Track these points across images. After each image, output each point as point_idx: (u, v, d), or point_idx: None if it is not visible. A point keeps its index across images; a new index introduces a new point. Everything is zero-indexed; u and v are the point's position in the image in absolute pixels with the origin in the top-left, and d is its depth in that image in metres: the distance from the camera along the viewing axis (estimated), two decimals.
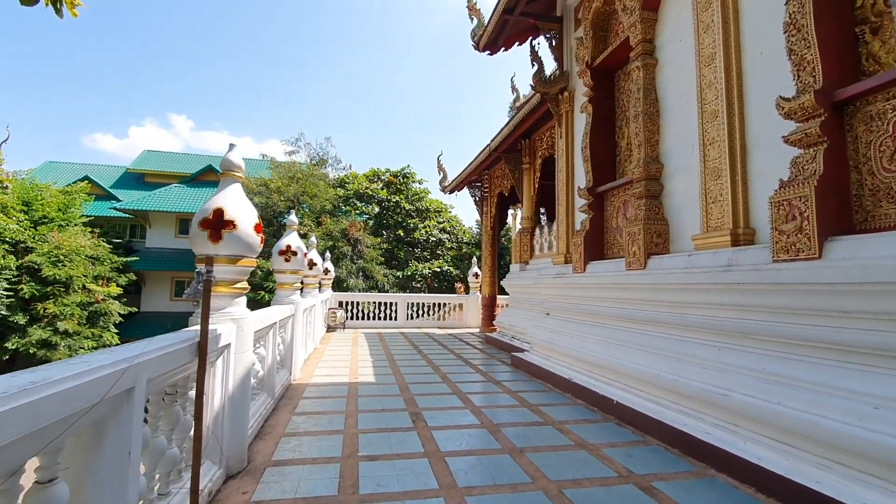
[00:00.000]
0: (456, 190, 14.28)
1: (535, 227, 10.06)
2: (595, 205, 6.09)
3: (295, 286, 6.28)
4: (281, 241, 6.14)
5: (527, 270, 9.74)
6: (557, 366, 6.03)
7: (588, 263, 5.97)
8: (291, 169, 19.15)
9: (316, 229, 17.31)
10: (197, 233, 3.09)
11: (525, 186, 10.27)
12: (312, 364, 7.35)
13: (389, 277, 17.27)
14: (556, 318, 6.74)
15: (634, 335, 4.75)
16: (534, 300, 8.71)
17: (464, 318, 14.77)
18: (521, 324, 8.86)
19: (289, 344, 5.90)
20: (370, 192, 19.55)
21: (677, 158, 4.69)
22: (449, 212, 22.24)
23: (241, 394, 3.15)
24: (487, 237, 13.39)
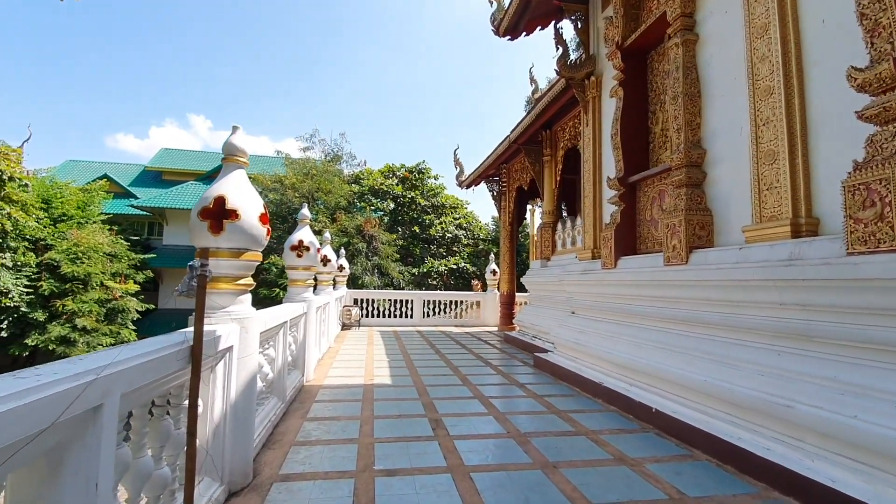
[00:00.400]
0: (473, 185, 13.90)
1: (556, 222, 9.63)
2: (626, 196, 5.67)
3: (308, 283, 6.00)
4: (293, 235, 5.86)
5: (548, 267, 9.33)
6: (586, 368, 5.64)
7: (619, 259, 5.55)
8: (306, 165, 18.96)
9: (331, 226, 17.11)
10: (196, 223, 2.79)
11: (546, 179, 9.85)
12: (326, 364, 7.07)
13: (405, 274, 16.99)
14: (583, 318, 6.34)
15: (675, 337, 4.34)
16: (557, 298, 8.31)
17: (481, 316, 14.40)
18: (544, 323, 8.47)
19: (301, 343, 5.62)
20: (385, 188, 19.27)
21: (723, 142, 4.25)
22: (465, 208, 21.86)
23: (246, 402, 2.85)
24: (506, 233, 12.99)
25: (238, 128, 3.10)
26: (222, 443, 2.62)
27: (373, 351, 8.51)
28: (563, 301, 7.89)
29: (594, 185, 6.58)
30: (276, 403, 4.15)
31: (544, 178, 9.91)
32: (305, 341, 5.72)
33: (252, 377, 2.96)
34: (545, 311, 8.80)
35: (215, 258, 2.80)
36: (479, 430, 3.97)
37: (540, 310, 9.09)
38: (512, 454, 3.43)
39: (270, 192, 18.15)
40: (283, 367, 4.37)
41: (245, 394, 2.85)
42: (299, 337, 5.58)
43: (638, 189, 5.67)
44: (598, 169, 6.56)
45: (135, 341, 1.75)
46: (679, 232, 4.37)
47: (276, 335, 4.26)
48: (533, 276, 9.60)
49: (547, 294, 8.93)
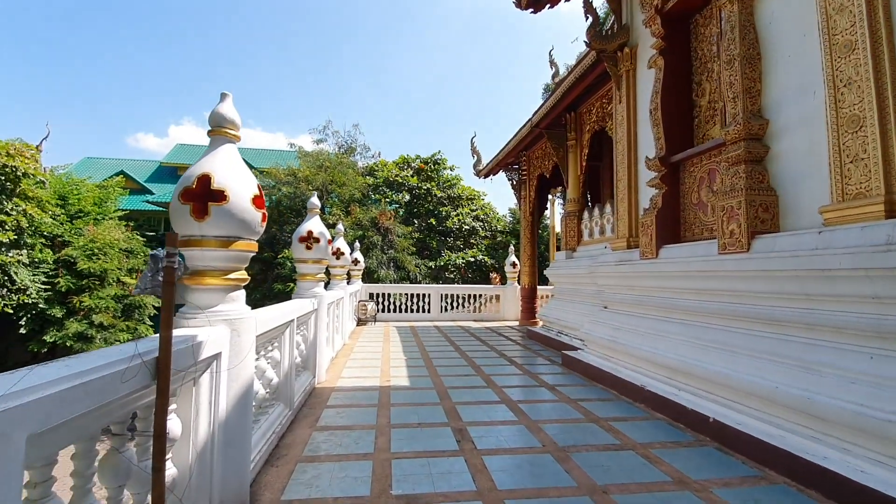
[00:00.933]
0: (491, 174, 13.34)
1: (582, 210, 9.06)
2: (668, 177, 5.09)
3: (318, 277, 5.57)
4: (301, 226, 5.43)
5: (574, 258, 8.77)
6: (623, 369, 5.10)
7: (661, 247, 4.99)
8: (319, 158, 18.59)
9: (345, 219, 16.73)
10: (177, 207, 2.35)
11: (570, 165, 9.26)
12: (340, 363, 6.66)
13: (421, 268, 16.55)
14: (618, 313, 5.79)
15: (735, 336, 3.78)
16: (585, 291, 7.76)
17: (501, 310, 13.89)
18: (571, 318, 7.93)
19: (311, 343, 5.20)
20: (400, 179, 18.79)
21: (790, 110, 3.66)
22: (482, 199, 21.28)
23: (240, 418, 2.41)
24: (526, 223, 12.43)
25: (227, 95, 2.64)
26: (210, 469, 2.19)
27: (389, 348, 8.09)
28: (593, 294, 7.34)
29: (629, 168, 5.99)
30: (282, 411, 3.73)
31: (569, 163, 9.32)
32: (316, 340, 5.30)
33: (247, 388, 2.52)
34: (572, 305, 8.25)
35: (200, 248, 2.36)
36: (510, 443, 3.49)
37: (566, 304, 8.55)
38: (551, 474, 2.94)
39: (284, 186, 17.84)
40: (290, 371, 3.95)
41: (238, 409, 2.41)
42: (309, 336, 5.16)
43: (682, 170, 5.08)
44: (634, 150, 5.97)
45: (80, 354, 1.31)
46: (738, 215, 3.79)
47: (281, 335, 3.83)
48: (558, 268, 9.05)
49: (573, 287, 8.38)
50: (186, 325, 2.31)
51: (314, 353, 5.24)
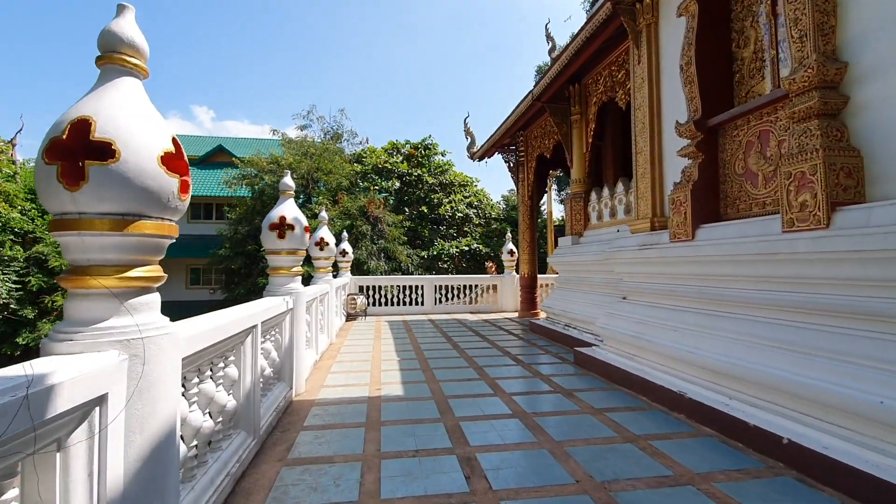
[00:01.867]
0: (486, 156, 12.50)
1: (589, 192, 8.28)
2: (705, 144, 4.31)
3: (294, 271, 4.74)
4: (272, 211, 4.59)
5: (582, 244, 8.01)
6: (654, 371, 4.36)
7: (698, 228, 4.22)
8: (303, 145, 17.60)
9: (332, 208, 15.84)
10: (42, 169, 1.53)
11: (575, 142, 8.45)
12: (324, 367, 5.86)
13: (413, 258, 15.73)
14: (642, 304, 5.05)
15: (811, 334, 3.03)
16: (596, 280, 7.01)
17: (498, 301, 13.16)
18: (581, 310, 7.18)
19: (287, 348, 4.39)
20: (389, 166, 17.85)
21: (880, 46, 2.87)
22: (475, 185, 20.45)
23: (152, 482, 1.61)
24: (525, 208, 11.64)
25: (126, 7, 1.77)
26: None
27: (380, 347, 7.30)
28: (606, 283, 6.60)
29: (652, 138, 5.21)
30: (242, 442, 2.93)
31: (573, 140, 8.51)
32: (293, 345, 4.49)
33: (165, 435, 1.72)
34: (581, 295, 7.51)
35: (78, 232, 1.54)
36: (534, 478, 2.73)
37: (574, 294, 7.80)
38: None
39: (267, 175, 16.86)
40: (254, 389, 3.14)
41: (150, 468, 1.61)
42: (283, 340, 4.35)
43: (721, 135, 4.31)
44: (657, 116, 5.18)
45: None
46: (811, 183, 3.02)
47: (239, 346, 3.02)
48: (563, 255, 8.29)
49: (582, 275, 7.63)
50: (54, 351, 1.49)
51: (290, 360, 4.44)
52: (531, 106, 8.79)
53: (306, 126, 19.46)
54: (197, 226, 22.35)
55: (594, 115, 7.98)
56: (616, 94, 7.21)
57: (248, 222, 16.44)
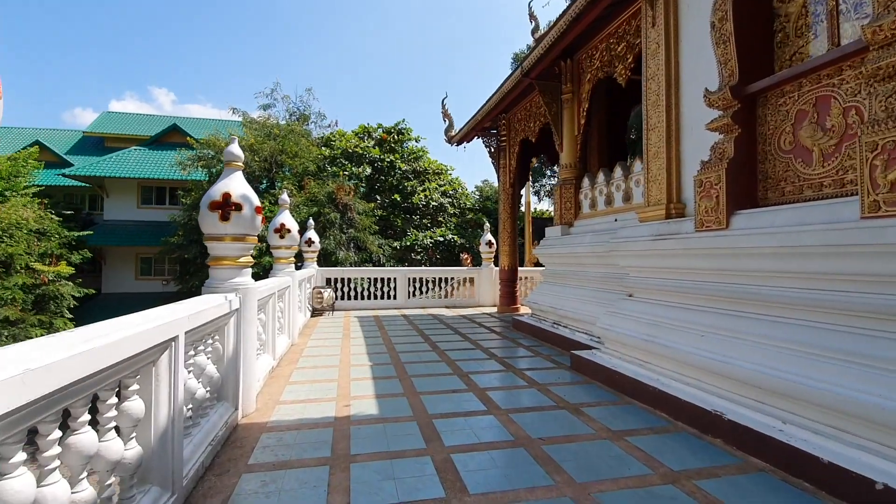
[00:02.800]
0: (465, 140, 11.69)
1: (580, 177, 7.61)
2: (743, 115, 3.63)
3: (242, 261, 3.81)
4: (214, 188, 3.65)
5: (573, 234, 7.34)
6: (673, 382, 3.71)
7: (734, 214, 3.56)
8: (266, 125, 16.29)
9: (298, 194, 14.70)
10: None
11: (566, 123, 7.75)
12: (283, 375, 4.97)
13: (385, 248, 14.81)
14: (654, 303, 4.39)
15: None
16: (592, 274, 6.35)
17: (475, 295, 12.44)
18: (573, 307, 6.52)
19: (231, 360, 3.50)
20: (360, 150, 16.76)
21: None
22: (449, 174, 19.61)
23: None
24: (506, 196, 10.92)
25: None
26: None
27: (349, 348, 6.44)
28: (605, 278, 5.94)
29: (668, 111, 4.52)
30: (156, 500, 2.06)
31: (563, 121, 7.81)
32: (239, 354, 3.60)
33: None
34: (572, 290, 6.84)
35: None
36: None
37: (564, 289, 7.13)
38: None
39: None
40: (172, 426, 2.26)
41: None
42: (226, 349, 3.45)
43: (762, 104, 3.64)
44: (675, 86, 4.50)
45: None
46: None
47: (146, 369, 2.12)
48: (551, 247, 7.61)
49: (573, 269, 6.97)
50: None
51: (236, 373, 3.55)
52: (519, 82, 8.02)
53: (270, 106, 18.11)
54: (147, 211, 20.52)
55: (588, 93, 7.28)
56: (614, 69, 6.53)
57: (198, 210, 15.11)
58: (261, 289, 4.36)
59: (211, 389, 3.15)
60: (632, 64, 6.26)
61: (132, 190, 20.73)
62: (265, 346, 5.02)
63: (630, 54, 6.24)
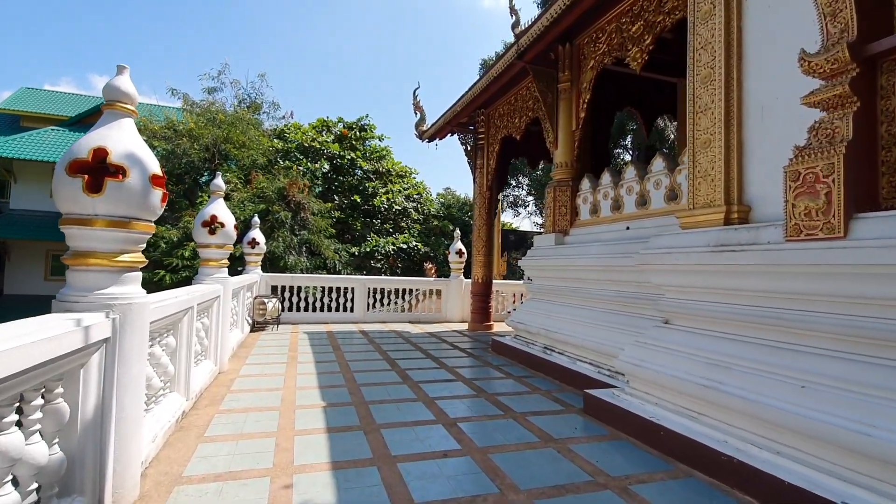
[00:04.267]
0: (437, 136, 10.53)
1: (577, 179, 6.62)
2: (861, 84, 2.65)
3: (123, 261, 2.38)
4: (79, 143, 2.24)
5: (569, 244, 6.30)
6: (764, 453, 2.65)
7: (853, 218, 2.55)
8: (210, 110, 14.44)
9: (243, 189, 12.98)
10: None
11: (562, 117, 6.76)
12: (197, 424, 3.52)
13: (342, 254, 13.32)
14: (710, 336, 3.34)
15: None
16: (597, 291, 5.29)
17: (442, 309, 11.21)
18: (573, 330, 5.42)
19: (89, 424, 2.08)
20: (318, 145, 15.19)
21: None
22: (413, 178, 18.37)
23: None
24: (482, 200, 9.82)
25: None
26: None
27: (295, 378, 5.03)
28: (618, 298, 4.90)
29: (727, 86, 3.54)
30: None
31: (559, 114, 6.81)
32: (109, 411, 2.19)
33: None
34: (571, 310, 5.76)
35: None
36: None
37: (558, 307, 6.04)
38: None
39: (160, 142, 13.52)
40: None
41: None
42: (82, 407, 2.05)
43: (887, 71, 2.68)
44: (737, 53, 3.52)
45: None
46: None
47: None
48: (542, 258, 6.53)
49: (571, 284, 5.90)
50: None
51: (98, 446, 2.13)
52: (510, 66, 6.95)
53: (216, 90, 16.22)
54: None
55: (590, 82, 6.31)
56: (626, 52, 5.60)
57: None
58: (164, 304, 2.95)
59: (51, 477, 1.74)
60: (650, 45, 5.33)
61: (46, 176, 17.91)
62: (173, 382, 3.57)
63: (649, 34, 5.31)
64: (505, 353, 6.79)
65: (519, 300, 11.94)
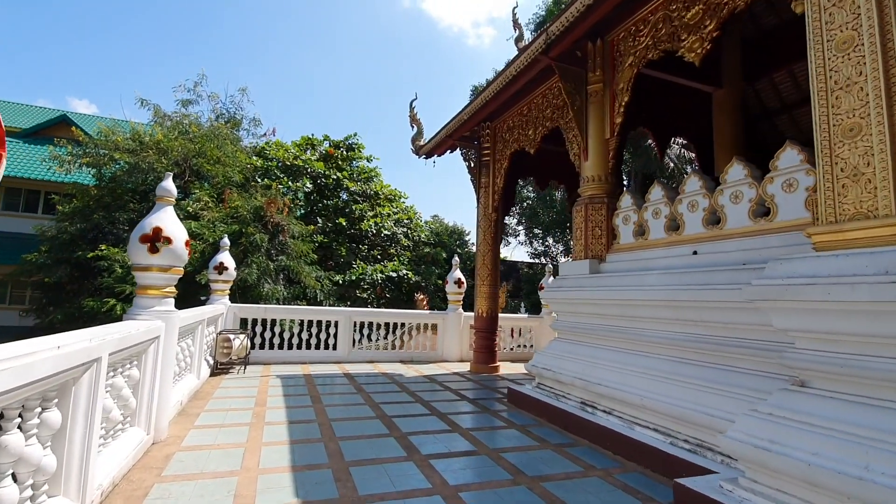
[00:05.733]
0: (436, 152, 9.47)
1: (612, 195, 5.56)
2: None
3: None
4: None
5: (607, 273, 5.16)
6: None
7: None
8: (182, 123, 13.18)
9: (215, 208, 11.64)
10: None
11: (591, 123, 5.75)
12: None
13: (324, 282, 11.97)
14: (888, 409, 2.16)
15: None
16: (658, 334, 4.11)
17: (438, 346, 9.89)
18: (628, 384, 4.18)
19: None
20: (300, 163, 13.98)
21: None
22: (403, 202, 17.25)
23: None
24: (487, 223, 8.69)
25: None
26: None
27: (259, 451, 3.65)
28: (699, 342, 3.73)
29: (885, 47, 2.50)
30: None
31: (588, 121, 5.80)
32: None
33: None
34: (617, 355, 4.55)
35: None
36: None
37: (599, 353, 4.83)
38: None
39: (124, 155, 12.13)
40: None
41: None
42: None
43: None
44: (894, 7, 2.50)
45: None
46: None
47: None
48: (573, 289, 5.36)
49: (614, 323, 4.73)
50: None
51: None
52: (532, 63, 5.95)
53: (191, 102, 15.02)
54: (8, 219, 15.73)
55: (629, 83, 5.36)
56: (681, 42, 4.66)
57: (84, 218, 11.50)
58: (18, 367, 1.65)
59: None
60: (714, 32, 4.39)
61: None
62: (55, 481, 2.21)
63: (712, 19, 4.37)
64: (526, 407, 5.51)
65: (518, 335, 10.71)
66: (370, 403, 5.51)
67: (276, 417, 4.70)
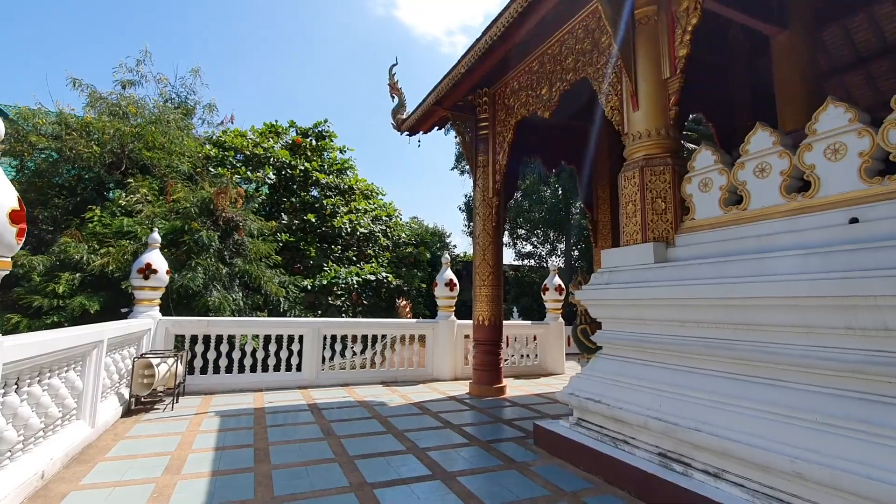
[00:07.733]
0: (421, 127, 7.81)
1: (676, 154, 4.02)
2: None
3: None
4: None
5: (681, 262, 3.57)
6: None
7: None
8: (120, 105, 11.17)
9: (157, 202, 9.70)
10: None
11: (641, 62, 4.22)
12: None
13: (289, 289, 10.14)
14: None
15: None
16: (826, 357, 2.51)
17: (427, 362, 8.19)
18: (761, 435, 2.57)
19: None
20: (261, 151, 12.09)
21: None
22: (381, 198, 15.50)
23: None
24: (487, 210, 7.07)
25: None
26: None
27: None
28: None
29: None
30: None
31: (636, 58, 4.26)
32: None
33: None
34: (723, 386, 2.95)
35: None
36: None
37: (686, 379, 3.23)
38: None
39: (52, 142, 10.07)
40: None
41: None
42: None
43: None
44: None
45: None
46: None
47: None
48: (628, 285, 3.77)
49: (708, 334, 3.14)
50: None
51: None
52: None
53: (134, 84, 12.98)
54: None
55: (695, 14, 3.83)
56: None
57: None
58: None
59: None
60: None
61: None
62: None
63: None
64: (565, 455, 3.88)
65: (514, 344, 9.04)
66: (341, 460, 3.78)
67: (188, 499, 2.95)
